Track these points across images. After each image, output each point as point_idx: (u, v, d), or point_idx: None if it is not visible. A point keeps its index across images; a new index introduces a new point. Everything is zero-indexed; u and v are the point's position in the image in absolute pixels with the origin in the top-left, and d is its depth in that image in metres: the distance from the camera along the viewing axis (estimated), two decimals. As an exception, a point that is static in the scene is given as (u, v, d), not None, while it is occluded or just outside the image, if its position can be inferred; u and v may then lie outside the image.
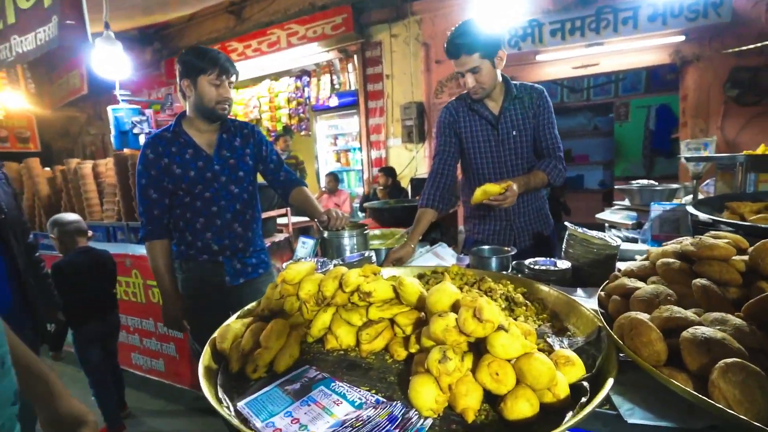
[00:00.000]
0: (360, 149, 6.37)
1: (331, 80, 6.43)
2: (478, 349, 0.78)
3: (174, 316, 1.74)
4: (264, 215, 2.50)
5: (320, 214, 1.68)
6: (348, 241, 1.56)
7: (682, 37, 3.97)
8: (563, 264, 1.46)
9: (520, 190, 1.65)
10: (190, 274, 1.77)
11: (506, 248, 1.63)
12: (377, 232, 2.11)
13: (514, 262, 1.58)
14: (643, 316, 0.77)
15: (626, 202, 2.36)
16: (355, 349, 0.96)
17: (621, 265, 1.42)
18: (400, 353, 0.90)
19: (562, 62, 4.74)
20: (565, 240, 1.57)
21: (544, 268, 1.44)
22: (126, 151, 3.63)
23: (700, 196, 2.22)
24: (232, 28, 6.69)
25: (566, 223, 1.60)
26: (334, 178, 5.64)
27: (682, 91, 4.30)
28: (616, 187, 2.23)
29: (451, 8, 5.08)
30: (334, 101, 6.65)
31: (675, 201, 2.19)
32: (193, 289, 1.77)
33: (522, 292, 1.23)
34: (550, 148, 1.82)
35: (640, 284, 0.94)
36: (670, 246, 1.05)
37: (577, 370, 0.73)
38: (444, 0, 5.14)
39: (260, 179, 1.94)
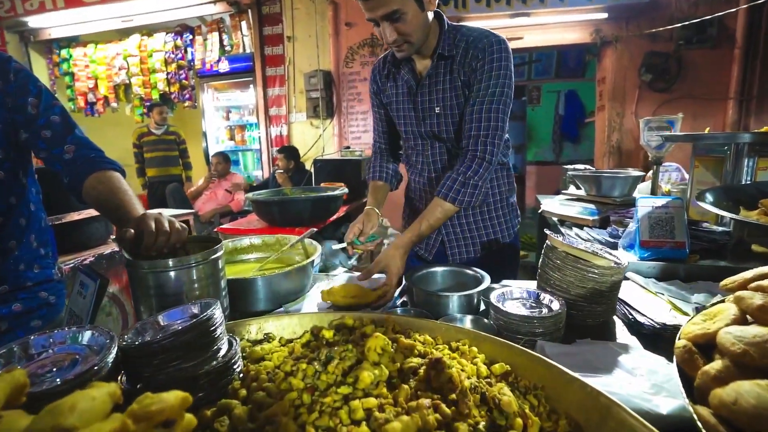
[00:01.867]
0: (258, 125, 5.38)
1: (221, 40, 5.25)
2: None
3: None
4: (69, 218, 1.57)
5: (127, 221, 0.89)
6: (177, 275, 0.79)
7: (605, 15, 3.78)
8: (555, 304, 0.88)
9: (401, 259, 1.14)
10: None
11: (468, 271, 1.03)
12: (256, 240, 1.36)
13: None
14: None
15: (580, 192, 1.93)
16: None
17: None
18: None
19: (483, 35, 4.32)
20: (543, 258, 1.00)
21: (526, 313, 0.85)
22: None
23: (669, 186, 1.86)
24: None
25: (546, 231, 1.03)
26: (223, 158, 4.60)
27: (600, 74, 4.17)
28: (571, 173, 1.73)
29: (363, -40, 4.34)
30: (224, 66, 5.50)
31: (637, 194, 1.80)
32: None
33: (520, 382, 0.61)
34: (473, 134, 1.19)
35: None
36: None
37: None
38: (354, -50, 4.37)
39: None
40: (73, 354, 0.61)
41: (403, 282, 1.10)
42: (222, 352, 0.65)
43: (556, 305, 0.88)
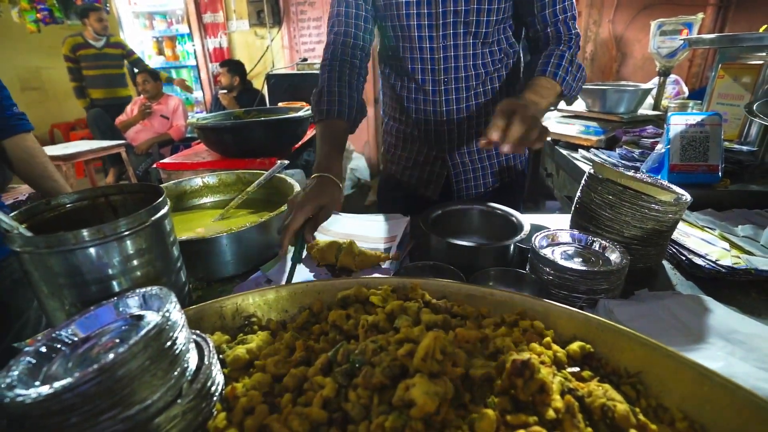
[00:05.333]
0: (191, 36, 4.57)
1: None
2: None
3: None
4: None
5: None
6: (100, 253, 0.51)
7: None
8: (611, 250, 0.71)
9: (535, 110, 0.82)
10: None
11: (496, 210, 0.82)
12: (210, 179, 1.06)
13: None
14: None
15: (574, 107, 1.72)
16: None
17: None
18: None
19: None
20: (586, 192, 0.81)
21: (586, 268, 0.66)
22: None
23: (666, 101, 1.70)
24: None
25: (589, 156, 0.83)
26: (152, 76, 3.85)
27: (579, -25, 3.78)
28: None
29: None
30: (138, -43, 4.47)
31: (642, 110, 1.63)
32: None
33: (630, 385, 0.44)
34: (560, 18, 0.95)
35: None
36: None
37: None
38: None
39: None
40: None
41: (404, 235, 0.88)
42: (188, 373, 0.41)
43: (613, 253, 0.71)
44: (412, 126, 1.11)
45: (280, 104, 2.33)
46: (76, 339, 0.44)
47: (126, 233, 0.52)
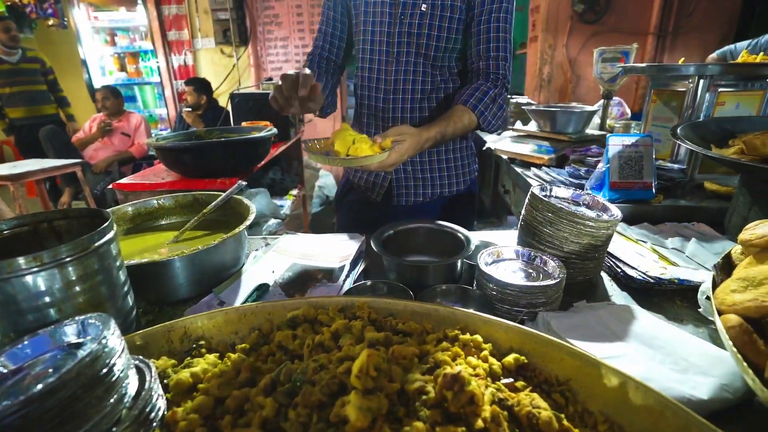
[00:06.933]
0: (154, 53, 4.50)
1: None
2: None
3: None
4: None
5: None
6: (38, 282, 0.50)
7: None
8: (550, 264, 0.76)
9: (414, 149, 0.93)
10: None
11: (444, 228, 0.86)
12: (166, 201, 1.05)
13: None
14: None
15: (528, 128, 1.82)
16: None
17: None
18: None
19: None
20: (530, 210, 0.86)
21: (528, 283, 0.70)
22: None
23: (611, 121, 1.82)
24: None
25: (535, 171, 0.89)
26: (112, 93, 3.75)
27: (534, 2, 4.02)
28: (528, 107, 1.59)
29: None
30: (98, -27, 4.40)
31: (588, 130, 1.74)
32: None
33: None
34: (492, 55, 1.05)
35: None
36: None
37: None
38: None
39: None
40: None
41: (360, 250, 0.91)
42: (127, 400, 0.41)
43: (552, 267, 0.76)
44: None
45: (244, 123, 2.33)
46: (5, 371, 0.43)
47: (67, 259, 0.51)
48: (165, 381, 0.50)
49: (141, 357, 0.48)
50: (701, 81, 1.25)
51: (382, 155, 0.83)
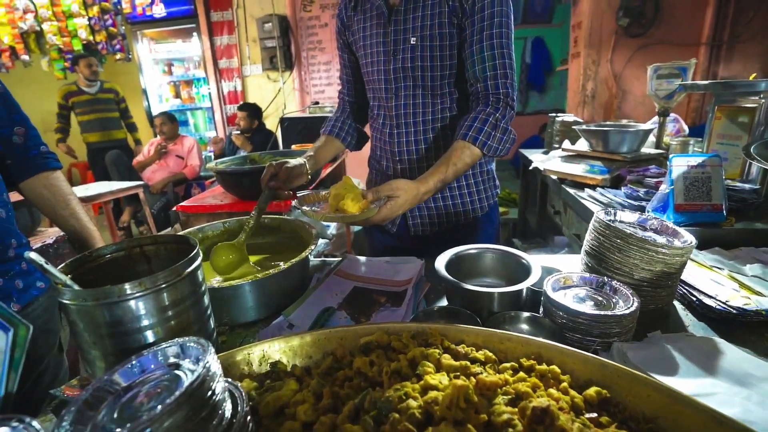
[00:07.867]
0: (206, 80, 4.81)
1: (152, -22, 4.54)
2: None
3: None
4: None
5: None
6: (139, 306, 0.55)
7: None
8: (623, 292, 0.73)
9: (410, 204, 0.92)
10: None
11: (510, 252, 0.85)
12: (231, 223, 1.11)
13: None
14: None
15: (578, 146, 1.78)
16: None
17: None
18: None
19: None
20: (595, 236, 0.84)
21: (600, 312, 0.68)
22: None
23: (668, 140, 1.75)
24: None
25: (589, 192, 0.87)
26: (168, 119, 4.05)
27: (576, 18, 3.97)
28: (579, 126, 1.55)
29: None
30: (159, 10, 4.79)
31: (645, 149, 1.68)
32: None
33: None
34: (489, 75, 1.01)
35: None
36: None
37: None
38: None
39: None
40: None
41: (420, 274, 0.92)
42: (225, 422, 0.43)
43: (625, 295, 0.73)
44: (378, 163, 1.28)
45: (293, 147, 2.43)
46: (118, 388, 0.47)
47: (164, 285, 0.56)
48: (251, 403, 0.53)
49: (230, 380, 0.51)
50: (773, 97, 1.18)
51: (368, 212, 0.83)
